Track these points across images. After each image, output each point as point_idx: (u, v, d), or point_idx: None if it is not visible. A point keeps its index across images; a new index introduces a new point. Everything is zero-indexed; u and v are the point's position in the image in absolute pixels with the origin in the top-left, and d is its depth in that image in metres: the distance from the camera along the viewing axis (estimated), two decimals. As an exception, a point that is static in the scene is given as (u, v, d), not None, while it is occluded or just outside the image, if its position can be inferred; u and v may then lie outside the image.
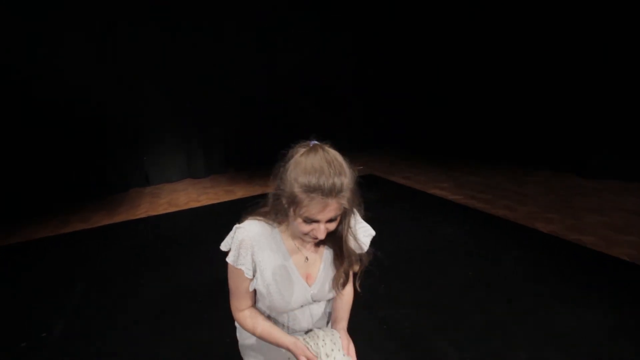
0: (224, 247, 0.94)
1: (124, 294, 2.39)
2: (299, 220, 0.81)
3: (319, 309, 1.01)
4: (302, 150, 0.83)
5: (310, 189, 0.76)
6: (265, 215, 0.93)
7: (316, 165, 0.77)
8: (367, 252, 1.00)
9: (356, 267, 0.98)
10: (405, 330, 1.86)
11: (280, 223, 0.93)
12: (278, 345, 0.94)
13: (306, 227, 0.82)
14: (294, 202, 0.79)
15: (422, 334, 1.82)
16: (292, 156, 0.83)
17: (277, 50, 5.58)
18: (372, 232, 1.03)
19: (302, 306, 0.97)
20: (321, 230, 0.81)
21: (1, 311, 2.29)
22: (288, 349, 0.92)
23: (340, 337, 0.96)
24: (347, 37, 6.08)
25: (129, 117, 4.99)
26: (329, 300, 1.06)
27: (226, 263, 0.94)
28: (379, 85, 6.64)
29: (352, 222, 0.93)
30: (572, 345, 1.66)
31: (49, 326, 2.09)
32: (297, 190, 0.78)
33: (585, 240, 2.68)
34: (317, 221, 0.80)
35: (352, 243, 0.95)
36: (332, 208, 0.78)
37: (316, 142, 0.85)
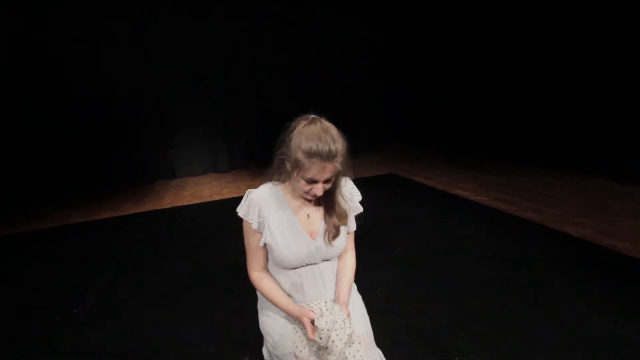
0: (238, 209, 1.11)
1: (148, 277, 2.49)
2: (301, 181, 0.98)
3: (326, 269, 1.12)
4: (303, 122, 0.99)
5: (311, 155, 0.93)
6: (271, 178, 1.11)
7: (315, 135, 0.94)
8: (357, 216, 1.19)
9: (345, 222, 1.11)
10: (424, 325, 1.83)
11: (283, 182, 1.11)
12: (284, 311, 1.07)
13: (307, 187, 0.99)
14: (297, 165, 0.96)
15: (441, 330, 1.79)
16: (295, 127, 0.99)
17: (300, 47, 5.64)
18: (360, 197, 1.20)
19: (310, 264, 1.09)
20: (319, 189, 0.98)
21: (40, 288, 2.44)
22: (293, 315, 1.05)
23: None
24: (368, 34, 6.06)
25: (158, 112, 5.20)
26: (334, 266, 1.16)
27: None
28: (401, 83, 6.58)
29: (343, 182, 1.12)
30: (601, 352, 1.58)
31: (80, 303, 2.21)
32: (300, 155, 0.94)
33: (620, 246, 2.54)
34: (316, 181, 0.97)
35: (341, 202, 1.11)
36: (328, 170, 0.95)
37: (315, 115, 1.01)
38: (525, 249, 2.58)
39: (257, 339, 1.24)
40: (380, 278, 2.27)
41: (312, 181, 0.97)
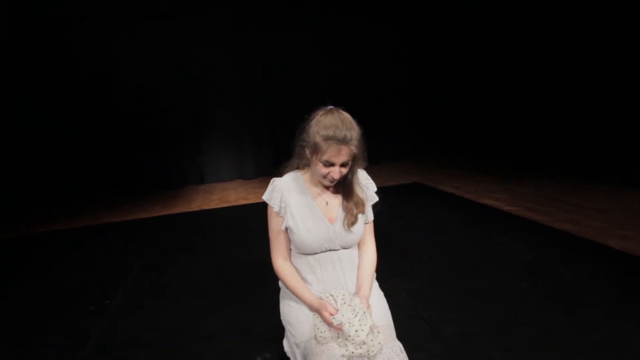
0: (264, 195, 1.18)
1: (174, 273, 2.57)
2: (320, 164, 1.05)
3: (345, 257, 1.14)
4: (321, 112, 1.07)
5: (328, 138, 1.01)
6: (293, 166, 1.20)
7: (332, 122, 1.02)
8: (374, 205, 1.24)
9: (362, 210, 1.16)
10: (451, 332, 1.76)
11: (303, 170, 1.19)
12: (304, 301, 1.11)
13: (325, 170, 1.05)
14: (315, 149, 1.04)
15: (469, 337, 1.71)
16: (314, 117, 1.08)
17: (327, 57, 5.75)
18: (375, 187, 1.25)
19: (330, 250, 1.12)
20: (336, 172, 1.05)
21: (77, 281, 2.58)
22: (312, 307, 1.08)
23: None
24: (394, 42, 6.08)
25: (189, 120, 5.44)
26: (353, 254, 1.18)
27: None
28: (427, 93, 6.51)
29: (359, 173, 1.18)
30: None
31: (112, 295, 2.31)
32: (318, 139, 1.02)
33: (668, 261, 2.34)
34: (333, 164, 1.04)
35: (358, 190, 1.16)
36: (344, 153, 1.02)
37: (332, 106, 1.09)
38: (562, 261, 2.43)
39: (278, 336, 1.24)
40: (404, 284, 2.21)
41: (330, 164, 1.04)
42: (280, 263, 1.16)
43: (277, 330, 1.18)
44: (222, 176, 5.74)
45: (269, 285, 1.12)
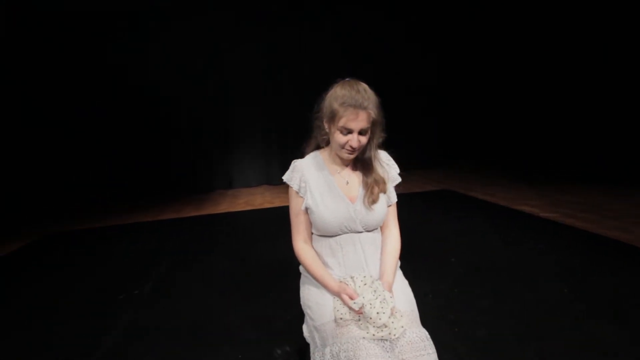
0: (284, 176, 1.19)
1: (200, 269, 2.61)
2: (337, 133, 1.03)
3: (367, 240, 1.10)
4: (337, 83, 1.07)
5: (345, 103, 1.00)
6: (311, 146, 1.20)
7: (349, 89, 1.02)
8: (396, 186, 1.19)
9: (384, 188, 1.12)
10: (481, 335, 1.64)
11: (322, 150, 1.18)
12: (324, 284, 1.07)
13: (343, 139, 1.03)
14: (333, 116, 1.02)
15: (501, 341, 1.59)
16: (329, 90, 1.08)
17: (354, 64, 5.77)
18: (397, 169, 1.20)
19: (351, 232, 1.09)
20: (355, 140, 1.02)
21: (111, 273, 2.70)
22: (333, 290, 1.04)
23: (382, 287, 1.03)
24: (423, 49, 6.02)
25: (218, 127, 5.62)
26: (375, 238, 1.14)
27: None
28: (457, 100, 6.35)
29: (381, 154, 1.16)
30: None
31: (141, 286, 2.38)
32: (335, 106, 1.01)
33: None
34: (351, 131, 1.01)
35: (379, 168, 1.13)
36: (362, 118, 1.00)
37: (349, 78, 1.07)
38: (610, 269, 2.22)
39: (298, 330, 1.21)
40: (430, 286, 2.10)
41: (348, 131, 1.01)
42: (301, 245, 1.14)
43: (297, 324, 1.14)
44: (249, 181, 5.85)
45: (290, 282, 1.11)
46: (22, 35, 4.68)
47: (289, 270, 1.13)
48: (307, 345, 1.15)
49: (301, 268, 1.23)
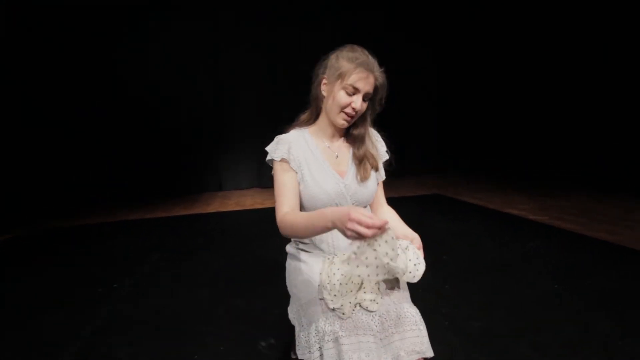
0: (267, 148, 1.09)
1: (188, 266, 2.53)
2: (342, 92, 0.97)
3: None
4: (344, 47, 1.01)
5: (357, 62, 0.95)
6: (299, 122, 1.13)
7: (360, 53, 0.98)
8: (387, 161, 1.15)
9: (375, 164, 1.08)
10: (475, 328, 1.60)
11: (309, 127, 1.11)
12: (323, 226, 0.81)
13: (347, 99, 0.97)
14: (340, 74, 0.96)
15: (495, 334, 1.55)
16: (331, 55, 1.02)
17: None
18: (385, 147, 1.15)
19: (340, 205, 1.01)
20: (359, 102, 0.97)
21: (94, 268, 2.61)
22: (333, 221, 0.77)
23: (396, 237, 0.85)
24: (418, 56, 6.09)
25: (209, 127, 5.56)
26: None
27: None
28: (449, 108, 6.42)
29: (371, 131, 1.12)
30: None
31: (122, 280, 2.29)
32: (344, 63, 0.96)
33: None
34: (357, 92, 0.97)
35: (370, 145, 1.09)
36: (370, 81, 0.97)
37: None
38: (599, 266, 2.22)
39: (285, 324, 1.15)
40: (421, 281, 2.05)
41: (354, 90, 0.96)
42: (285, 214, 0.97)
43: (285, 319, 1.08)
44: (240, 184, 5.78)
45: (280, 280, 1.04)
46: (21, 35, 4.62)
47: (279, 268, 1.07)
48: (293, 338, 1.08)
49: (288, 247, 1.17)
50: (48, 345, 1.61)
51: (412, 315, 0.88)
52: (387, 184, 1.19)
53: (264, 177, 5.77)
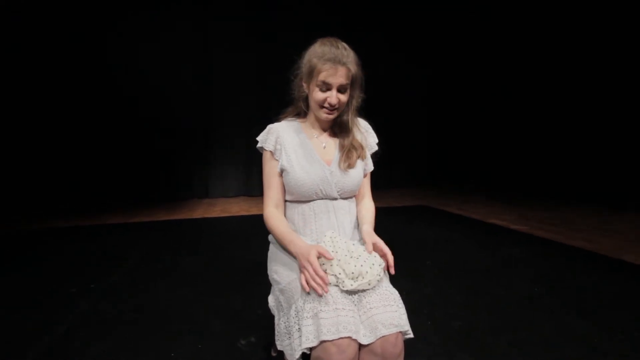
0: (258, 137, 1.15)
1: (170, 268, 2.47)
2: (316, 90, 0.99)
3: (341, 207, 1.07)
4: (317, 41, 1.03)
5: (324, 58, 0.97)
6: (290, 113, 1.16)
7: (329, 46, 0.99)
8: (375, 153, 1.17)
9: (362, 154, 1.11)
10: (456, 327, 1.61)
11: (301, 119, 1.15)
12: (289, 249, 0.97)
13: (322, 95, 0.99)
14: (311, 72, 0.99)
15: (475, 332, 1.56)
16: (304, 52, 1.04)
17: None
18: (376, 138, 1.19)
19: (325, 199, 1.05)
20: (334, 97, 0.99)
21: (70, 270, 2.51)
22: (301, 253, 0.92)
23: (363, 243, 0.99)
24: (408, 69, 6.24)
25: (195, 133, 5.53)
26: (351, 206, 1.11)
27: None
28: (438, 121, 6.59)
29: (360, 121, 1.16)
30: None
31: (99, 280, 2.22)
32: (313, 60, 0.98)
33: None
34: (330, 87, 0.98)
35: (357, 134, 1.13)
36: (341, 74, 0.97)
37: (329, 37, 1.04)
38: (576, 271, 2.28)
39: (265, 323, 1.14)
40: (404, 284, 2.07)
41: (327, 86, 0.98)
42: (271, 209, 1.08)
43: (266, 318, 1.07)
44: (226, 191, 5.72)
45: (264, 281, 1.04)
46: (18, 35, 4.58)
47: (261, 270, 1.09)
48: (274, 336, 1.04)
49: (270, 237, 1.18)
50: (15, 342, 1.54)
51: (392, 294, 0.90)
52: (374, 196, 1.19)
53: (251, 185, 5.74)
